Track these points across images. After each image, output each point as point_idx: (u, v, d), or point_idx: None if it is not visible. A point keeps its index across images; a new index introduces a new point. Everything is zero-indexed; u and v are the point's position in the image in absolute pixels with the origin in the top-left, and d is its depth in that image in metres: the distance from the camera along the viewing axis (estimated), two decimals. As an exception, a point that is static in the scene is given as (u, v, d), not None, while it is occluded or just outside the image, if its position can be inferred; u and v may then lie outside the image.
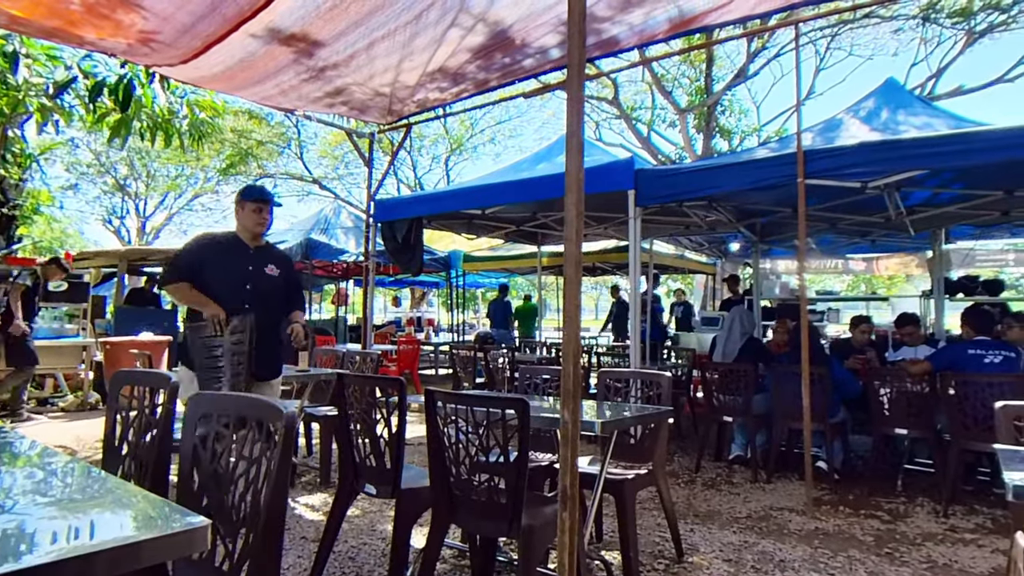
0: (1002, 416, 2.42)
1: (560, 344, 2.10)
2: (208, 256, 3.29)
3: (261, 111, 17.59)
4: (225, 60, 3.77)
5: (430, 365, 12.26)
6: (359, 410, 2.90)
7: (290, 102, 4.73)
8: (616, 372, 3.85)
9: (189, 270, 3.22)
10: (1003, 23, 13.24)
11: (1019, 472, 1.76)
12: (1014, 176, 4.94)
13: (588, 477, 2.77)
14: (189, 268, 3.23)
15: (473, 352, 6.93)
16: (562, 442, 1.71)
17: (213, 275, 3.24)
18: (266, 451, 1.53)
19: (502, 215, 7.70)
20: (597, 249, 10.29)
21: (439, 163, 23.13)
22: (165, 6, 3.09)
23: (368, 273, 6.86)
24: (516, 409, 2.26)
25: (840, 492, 4.41)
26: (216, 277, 3.24)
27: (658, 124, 17.22)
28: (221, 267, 3.28)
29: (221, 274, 3.26)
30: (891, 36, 15.03)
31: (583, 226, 1.77)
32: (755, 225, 7.59)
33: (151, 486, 1.91)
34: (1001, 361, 4.21)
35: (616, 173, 5.18)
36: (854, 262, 12.21)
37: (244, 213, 3.42)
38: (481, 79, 4.32)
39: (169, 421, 2.04)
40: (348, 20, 3.34)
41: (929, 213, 6.19)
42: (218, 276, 3.25)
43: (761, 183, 4.57)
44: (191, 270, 3.22)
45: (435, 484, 2.48)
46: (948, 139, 4.01)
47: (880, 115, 5.35)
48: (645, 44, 3.84)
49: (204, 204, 25.68)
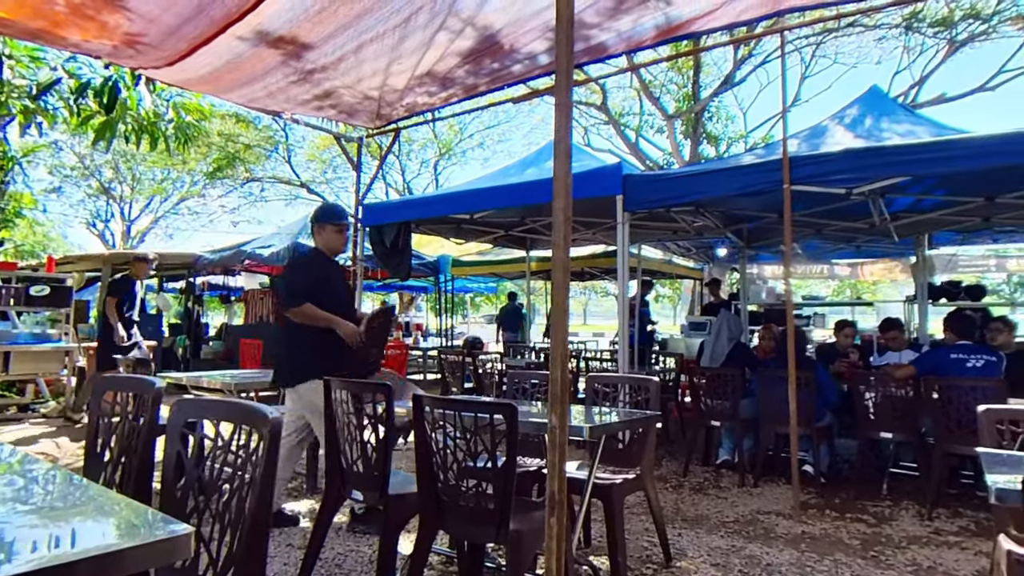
0: (984, 419, 2.45)
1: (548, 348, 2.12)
2: (316, 276, 3.53)
3: (248, 114, 17.50)
4: (212, 62, 3.75)
5: (418, 370, 12.21)
6: (346, 415, 2.88)
7: (278, 105, 4.71)
8: (604, 376, 3.85)
9: (308, 292, 3.42)
10: (983, 33, 13.47)
11: (1001, 475, 1.78)
12: (995, 183, 5.03)
13: (576, 482, 2.77)
14: (308, 290, 3.43)
15: (462, 357, 6.91)
16: (550, 447, 1.71)
17: (323, 293, 3.46)
18: (251, 457, 1.51)
19: (491, 220, 7.71)
20: (586, 254, 10.32)
21: (428, 167, 23.14)
22: (151, 8, 3.06)
23: (356, 277, 6.82)
24: (504, 414, 2.26)
25: (827, 496, 4.44)
26: (326, 292, 3.47)
27: (646, 130, 17.33)
28: (328, 285, 3.53)
29: (328, 290, 3.50)
30: (875, 45, 15.27)
31: (571, 231, 1.78)
32: (742, 230, 7.64)
33: (134, 493, 1.88)
34: (983, 365, 4.29)
35: (604, 178, 5.20)
36: (839, 267, 12.33)
37: (326, 234, 3.63)
38: (470, 84, 4.33)
39: (153, 427, 2.01)
40: (336, 23, 3.34)
41: (912, 219, 6.27)
42: (327, 292, 3.48)
43: (748, 189, 4.61)
44: (310, 292, 3.43)
45: (422, 490, 2.47)
46: (930, 146, 4.07)
47: (864, 122, 5.41)
48: (633, 50, 3.87)
49: (191, 208, 25.49)
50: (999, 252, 11.38)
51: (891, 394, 4.41)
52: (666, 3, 3.22)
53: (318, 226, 3.67)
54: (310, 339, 3.47)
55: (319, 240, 3.68)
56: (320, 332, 3.45)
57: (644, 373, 6.51)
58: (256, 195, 23.15)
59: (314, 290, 3.44)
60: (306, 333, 3.46)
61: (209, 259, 10.17)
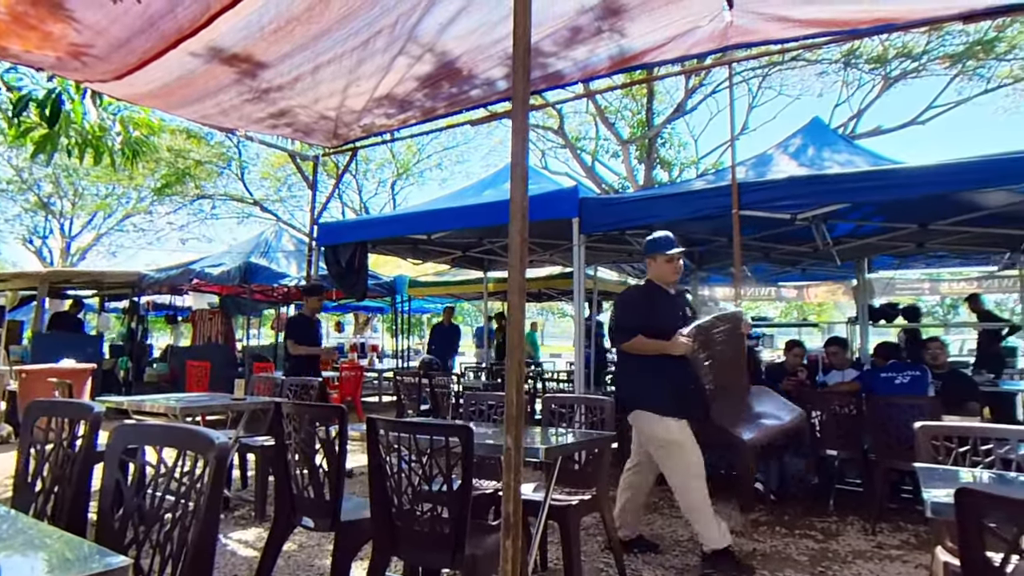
0: (921, 436, 2.56)
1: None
2: (645, 310, 3.49)
3: (200, 130, 17.06)
4: (162, 77, 3.66)
5: (374, 392, 11.99)
6: (297, 440, 2.81)
7: (231, 122, 4.63)
8: (560, 397, 3.87)
9: (638, 327, 3.40)
10: (914, 70, 14.36)
11: (937, 489, 1.86)
12: (927, 211, 5.32)
13: (532, 504, 2.76)
14: (637, 325, 3.41)
15: (418, 379, 6.83)
16: (505, 469, 1.70)
17: (655, 325, 3.40)
18: (195, 484, 1.45)
19: (448, 240, 7.70)
20: (542, 275, 10.40)
21: (385, 187, 22.97)
22: (99, 19, 2.98)
23: (310, 298, 6.68)
24: (460, 436, 2.24)
25: (776, 513, 4.54)
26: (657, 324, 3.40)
27: (602, 154, 17.71)
28: (658, 318, 3.44)
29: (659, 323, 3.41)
30: (816, 78, 16.07)
31: (528, 253, 1.80)
32: (694, 253, 7.85)
33: (67, 525, 1.78)
34: (909, 381, 4.69)
35: (561, 201, 5.28)
36: (786, 289, 12.78)
37: (657, 266, 3.59)
38: (428, 107, 4.35)
39: (89, 454, 1.92)
40: (293, 43, 3.32)
41: (853, 244, 6.56)
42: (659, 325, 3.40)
43: (699, 213, 4.76)
44: (640, 326, 3.40)
45: (376, 515, 2.42)
46: (868, 175, 4.29)
47: (807, 151, 5.67)
48: (589, 78, 3.98)
49: (136, 224, 24.53)
50: (932, 276, 12.01)
51: (836, 412, 4.58)
52: (620, 35, 3.33)
53: (649, 258, 3.63)
54: (642, 369, 3.45)
55: (651, 271, 3.64)
56: (653, 362, 3.39)
57: (600, 393, 6.56)
58: (207, 212, 22.51)
59: (644, 323, 3.39)
60: (638, 363, 3.45)
61: (155, 278, 9.83)
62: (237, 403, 4.29)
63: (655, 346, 3.37)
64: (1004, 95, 14.99)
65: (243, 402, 4.33)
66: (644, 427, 3.47)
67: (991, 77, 14.26)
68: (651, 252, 3.63)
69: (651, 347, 3.38)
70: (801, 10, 3.15)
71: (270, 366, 9.89)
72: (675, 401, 3.35)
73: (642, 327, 3.39)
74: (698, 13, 3.17)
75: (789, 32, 3.43)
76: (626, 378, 3.68)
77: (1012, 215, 5.12)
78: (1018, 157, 3.74)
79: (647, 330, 3.38)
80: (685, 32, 3.35)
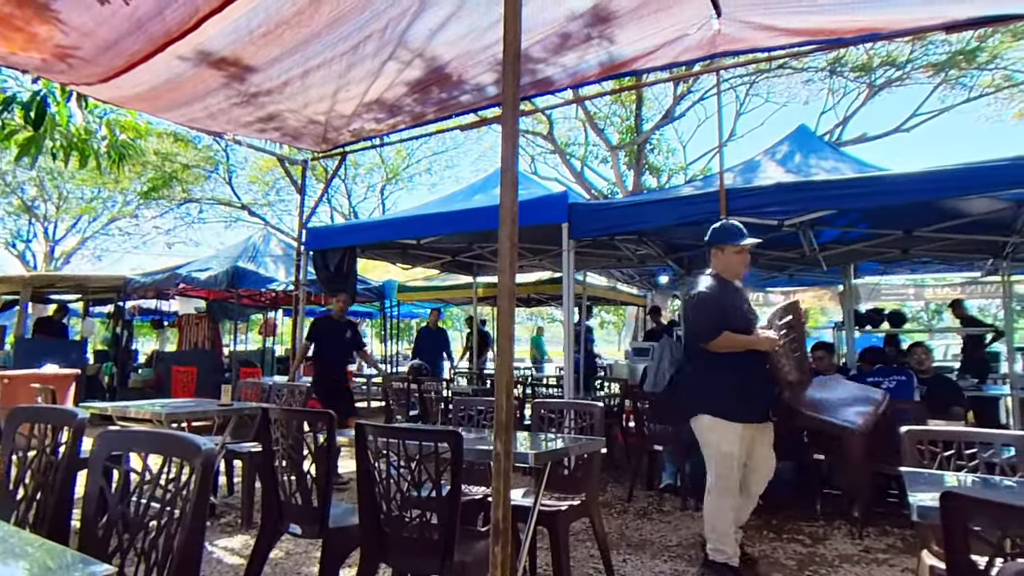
0: (907, 440, 2.59)
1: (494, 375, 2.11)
2: (722, 305, 3.34)
3: (188, 133, 16.96)
4: (150, 80, 3.63)
5: (362, 397, 11.93)
6: (285, 446, 2.78)
7: (219, 126, 4.60)
8: (550, 403, 3.87)
9: (720, 324, 3.26)
10: (899, 78, 14.57)
11: (923, 493, 1.88)
12: (912, 217, 5.39)
13: (522, 510, 2.75)
14: (719, 321, 3.26)
15: (407, 384, 6.80)
16: (495, 474, 1.70)
17: (734, 320, 3.30)
18: (181, 491, 1.44)
19: (437, 245, 7.69)
20: (532, 280, 10.41)
21: (374, 192, 22.92)
22: (86, 21, 2.96)
23: (298, 302, 6.66)
24: (449, 442, 2.23)
25: (764, 517, 4.56)
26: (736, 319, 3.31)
27: (591, 160, 17.79)
28: (736, 312, 3.35)
29: (738, 317, 3.33)
30: (803, 86, 16.25)
31: (517, 258, 1.80)
32: (682, 259, 7.89)
33: (49, 533, 1.76)
34: (895, 386, 4.76)
35: (550, 206, 5.29)
36: (773, 295, 12.86)
37: (725, 257, 3.41)
38: (418, 112, 4.35)
39: (73, 461, 1.89)
40: (282, 47, 3.31)
41: (839, 250, 6.63)
42: (738, 319, 3.32)
43: (687, 219, 4.79)
44: (721, 323, 3.26)
45: (364, 521, 2.40)
46: (854, 182, 4.34)
47: (794, 158, 5.73)
48: (578, 85, 3.99)
49: (122, 228, 24.28)
50: (917, 282, 12.16)
51: (822, 417, 4.61)
52: (609, 42, 3.35)
53: (716, 249, 3.42)
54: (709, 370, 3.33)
55: (717, 264, 3.43)
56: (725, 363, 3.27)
57: (589, 398, 6.57)
58: (194, 216, 22.32)
59: (724, 319, 3.26)
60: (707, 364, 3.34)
61: (140, 282, 9.73)
62: (224, 409, 4.25)
63: (744, 341, 3.24)
64: (986, 104, 15.26)
65: (230, 408, 4.29)
66: (701, 431, 3.36)
67: (973, 86, 14.51)
68: (718, 242, 3.42)
69: (740, 342, 3.24)
70: (787, 19, 3.18)
71: (258, 371, 9.81)
72: (739, 404, 3.25)
73: (725, 323, 3.25)
74: (686, 21, 3.19)
75: (776, 40, 3.47)
76: (692, 381, 3.52)
77: (994, 222, 5.20)
78: (999, 165, 3.80)
79: (728, 327, 3.25)
80: (674, 39, 3.37)
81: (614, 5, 3.01)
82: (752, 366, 3.28)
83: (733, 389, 3.26)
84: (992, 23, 3.30)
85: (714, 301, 3.34)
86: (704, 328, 3.30)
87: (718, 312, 3.29)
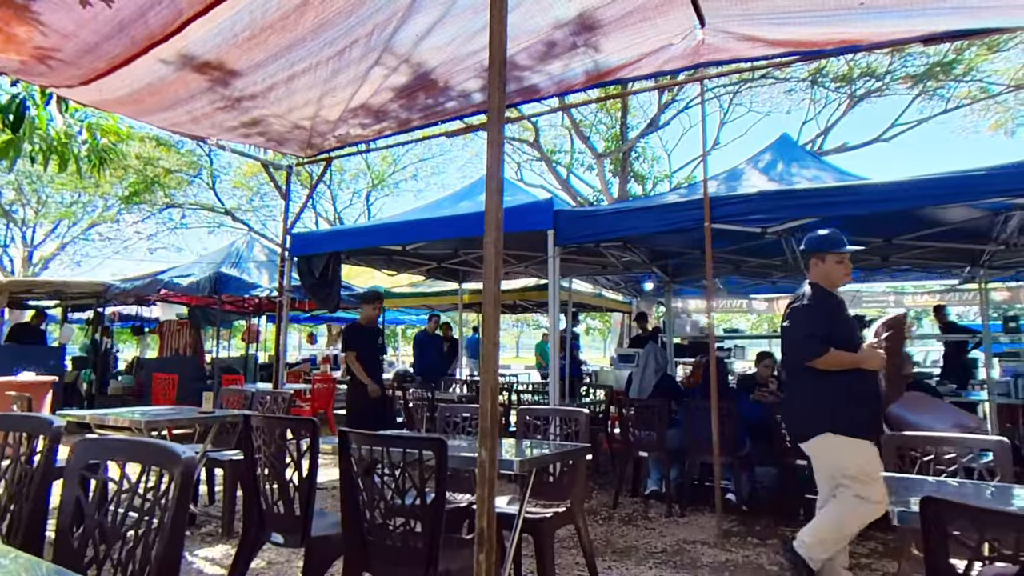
0: (886, 445, 2.62)
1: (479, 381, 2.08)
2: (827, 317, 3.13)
3: (170, 138, 16.80)
4: (132, 84, 3.60)
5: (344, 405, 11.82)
6: (267, 454, 2.75)
7: (202, 130, 4.56)
8: (535, 409, 3.87)
9: (826, 337, 3.06)
10: (879, 89, 14.84)
11: (903, 498, 1.90)
12: (891, 225, 5.47)
13: (507, 517, 2.74)
14: (825, 335, 3.07)
15: (392, 391, 6.76)
16: (480, 482, 1.69)
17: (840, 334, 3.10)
18: (160, 500, 1.41)
19: (423, 251, 7.67)
20: (517, 287, 10.41)
21: (360, 198, 22.84)
22: (66, 23, 2.92)
23: (282, 309, 6.60)
24: (433, 449, 2.22)
25: (748, 523, 4.58)
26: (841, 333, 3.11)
27: (577, 167, 17.87)
28: (839, 324, 3.15)
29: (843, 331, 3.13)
30: (785, 96, 16.48)
31: (503, 264, 1.80)
32: (667, 266, 7.95)
33: (23, 544, 1.72)
34: None
35: (536, 213, 5.30)
36: (757, 302, 13.00)
37: (826, 267, 3.21)
38: (404, 118, 4.35)
39: (48, 470, 1.85)
40: (267, 52, 3.29)
41: (821, 257, 6.69)
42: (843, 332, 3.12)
43: (672, 226, 4.82)
44: (827, 337, 3.07)
45: (347, 530, 2.38)
46: (836, 191, 4.39)
47: (776, 167, 5.80)
48: (564, 92, 4.02)
49: (102, 234, 23.93)
50: (897, 289, 12.34)
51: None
52: (595, 51, 3.38)
53: (815, 258, 3.24)
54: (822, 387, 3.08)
55: (816, 273, 3.24)
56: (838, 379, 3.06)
57: (575, 405, 6.58)
58: (176, 222, 22.09)
59: (831, 335, 3.06)
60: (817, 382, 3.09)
61: (121, 288, 9.59)
62: (205, 416, 4.19)
63: (851, 360, 3.05)
64: (962, 115, 15.57)
65: (211, 415, 4.23)
66: (833, 455, 3.07)
67: (950, 98, 14.81)
68: (817, 251, 3.24)
69: (846, 360, 3.05)
70: (770, 30, 3.23)
71: (240, 378, 9.69)
72: (867, 421, 3.04)
73: (831, 340, 3.04)
74: (671, 31, 3.23)
75: (758, 51, 3.52)
76: (806, 399, 3.20)
77: (971, 230, 5.29)
78: (976, 175, 3.88)
79: (833, 341, 3.04)
80: (658, 49, 3.41)
81: (599, 14, 3.03)
82: (869, 378, 3.11)
83: (857, 402, 3.04)
84: (968, 36, 3.38)
85: (818, 315, 3.13)
86: (809, 346, 3.07)
87: (824, 327, 3.09)
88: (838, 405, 3.03)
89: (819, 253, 3.24)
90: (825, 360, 3.03)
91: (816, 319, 3.10)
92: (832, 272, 3.22)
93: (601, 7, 2.98)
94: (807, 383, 3.15)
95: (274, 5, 2.87)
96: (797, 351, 3.17)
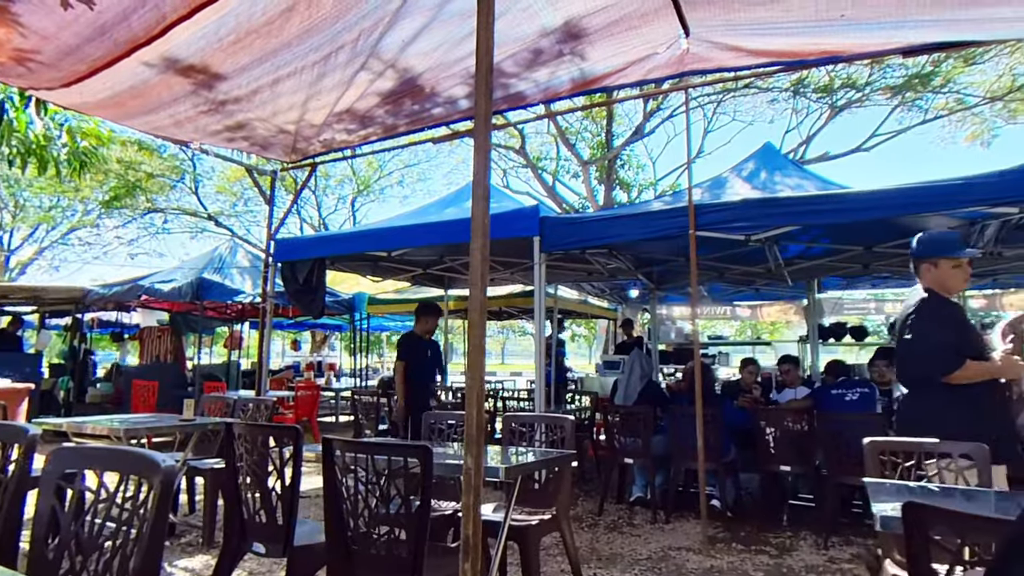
0: (869, 451, 2.64)
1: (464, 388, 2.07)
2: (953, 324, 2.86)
3: (153, 142, 16.61)
4: (113, 86, 3.55)
5: (330, 412, 11.73)
6: (250, 462, 2.71)
7: (185, 134, 4.51)
8: (521, 416, 3.86)
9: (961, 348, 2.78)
10: (859, 100, 15.10)
11: (885, 503, 1.91)
12: (872, 233, 5.55)
13: (492, 525, 2.73)
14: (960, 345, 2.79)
15: (376, 398, 6.72)
16: (465, 489, 1.68)
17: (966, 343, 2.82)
18: (139, 510, 1.39)
19: (409, 258, 7.64)
20: (503, 294, 10.40)
21: (345, 203, 22.74)
22: (47, 25, 2.88)
23: (265, 315, 6.53)
24: (418, 457, 2.20)
25: (733, 529, 4.60)
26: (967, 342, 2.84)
27: (562, 174, 17.96)
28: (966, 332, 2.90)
29: (970, 339, 2.86)
30: (768, 105, 16.73)
31: (489, 271, 1.80)
32: (652, 273, 7.99)
33: (-4, 556, 1.67)
34: (858, 398, 4.85)
35: (522, 220, 5.31)
36: (741, 309, 13.10)
37: (940, 272, 2.89)
38: (390, 124, 4.33)
39: (23, 480, 1.81)
40: (252, 55, 3.27)
41: (803, 265, 6.78)
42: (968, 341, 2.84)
43: (657, 233, 4.85)
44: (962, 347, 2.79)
45: (331, 539, 2.35)
46: (818, 199, 4.45)
47: (760, 175, 5.86)
48: (550, 100, 4.03)
49: (82, 239, 23.55)
50: (878, 296, 12.51)
51: (788, 429, 4.69)
52: (581, 59, 3.40)
53: (927, 263, 2.91)
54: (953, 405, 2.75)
55: (928, 278, 2.92)
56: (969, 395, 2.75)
57: (560, 412, 6.58)
58: (158, 227, 21.82)
59: (961, 344, 2.78)
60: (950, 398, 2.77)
61: (100, 293, 9.44)
62: (185, 424, 4.12)
63: (989, 370, 2.77)
64: (940, 126, 15.89)
65: (192, 423, 4.17)
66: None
67: (928, 109, 15.11)
68: (931, 255, 2.92)
69: (984, 371, 2.76)
70: (753, 41, 3.27)
71: (222, 385, 9.56)
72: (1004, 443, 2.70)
73: (963, 349, 2.76)
74: (656, 40, 3.26)
75: (742, 61, 3.56)
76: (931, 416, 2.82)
77: (950, 239, 5.38)
78: (953, 184, 3.95)
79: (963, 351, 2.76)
80: (644, 57, 3.44)
81: (586, 23, 3.05)
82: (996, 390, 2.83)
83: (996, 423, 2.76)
84: (946, 48, 3.45)
85: (945, 324, 2.84)
86: (943, 358, 2.76)
87: (954, 337, 2.80)
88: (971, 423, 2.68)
89: (930, 258, 2.93)
90: (964, 373, 2.74)
91: (945, 329, 2.82)
92: (948, 278, 2.92)
93: (587, 16, 2.99)
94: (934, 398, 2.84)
95: (260, 9, 2.85)
96: (930, 365, 2.83)
